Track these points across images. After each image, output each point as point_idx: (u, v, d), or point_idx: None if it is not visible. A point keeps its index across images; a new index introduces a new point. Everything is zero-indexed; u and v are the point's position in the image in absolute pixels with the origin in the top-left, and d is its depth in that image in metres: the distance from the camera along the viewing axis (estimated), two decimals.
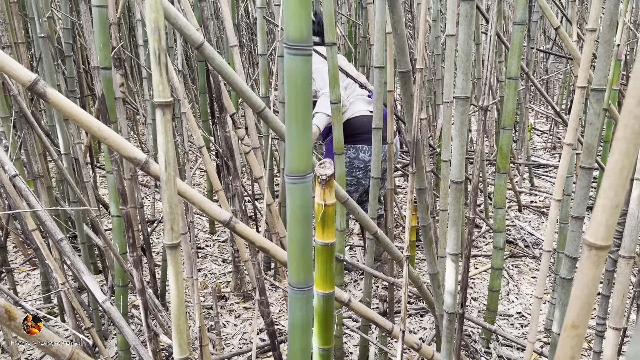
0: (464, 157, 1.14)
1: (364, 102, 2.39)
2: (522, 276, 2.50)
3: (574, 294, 0.54)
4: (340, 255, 1.68)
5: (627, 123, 0.47)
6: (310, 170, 0.75)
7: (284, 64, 0.70)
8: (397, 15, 1.10)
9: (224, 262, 2.64)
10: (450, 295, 1.21)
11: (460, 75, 1.08)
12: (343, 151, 1.62)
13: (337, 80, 1.58)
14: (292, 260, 0.78)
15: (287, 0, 0.67)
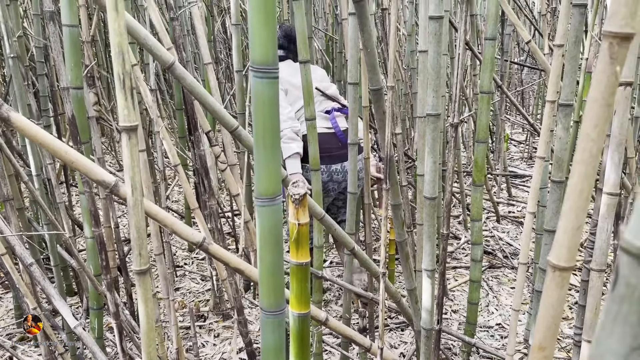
0: (437, 174, 1.14)
1: (319, 119, 2.22)
2: (502, 287, 2.52)
3: (540, 316, 0.54)
4: (319, 272, 1.67)
5: (585, 146, 0.47)
6: (280, 192, 0.75)
7: (251, 87, 0.70)
8: (367, 33, 1.11)
9: (203, 280, 2.60)
10: (427, 311, 1.20)
11: (431, 93, 1.08)
12: (319, 167, 1.62)
13: (312, 97, 1.58)
14: (263, 283, 0.77)
15: (252, 24, 0.66)
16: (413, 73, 2.66)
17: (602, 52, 0.45)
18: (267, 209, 0.73)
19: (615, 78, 0.46)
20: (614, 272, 0.26)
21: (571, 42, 1.14)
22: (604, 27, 0.45)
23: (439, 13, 1.03)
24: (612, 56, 0.45)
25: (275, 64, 0.69)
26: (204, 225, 1.79)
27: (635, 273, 0.24)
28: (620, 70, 0.46)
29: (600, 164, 1.30)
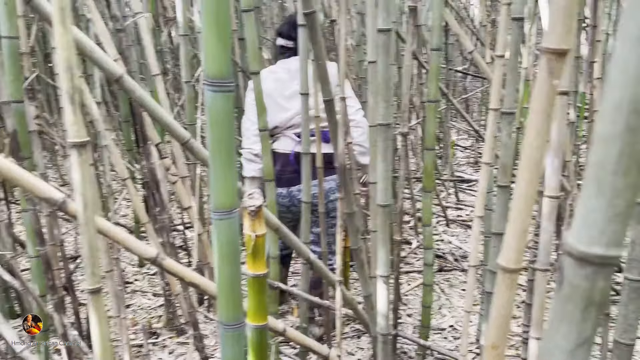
0: (390, 182, 1.17)
1: (289, 140, 2.11)
2: (453, 289, 2.59)
3: (492, 316, 0.57)
4: (274, 283, 1.67)
5: (529, 154, 0.50)
6: (237, 205, 0.75)
7: (205, 101, 0.70)
8: (318, 45, 1.13)
9: (155, 296, 2.54)
10: (383, 316, 1.23)
11: (382, 103, 1.11)
12: (272, 177, 1.62)
13: (264, 108, 1.59)
14: (221, 297, 0.76)
15: (206, 38, 0.67)
16: (362, 83, 2.71)
17: (541, 67, 0.48)
18: (224, 223, 0.73)
19: (553, 91, 0.49)
20: (559, 273, 0.28)
21: (512, 53, 1.20)
22: (542, 43, 0.48)
23: (387, 26, 1.06)
24: (551, 71, 0.48)
25: (229, 77, 0.69)
26: (155, 239, 1.76)
27: (577, 274, 0.27)
28: (558, 83, 0.50)
29: None
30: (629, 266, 0.87)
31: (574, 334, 0.27)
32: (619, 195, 0.25)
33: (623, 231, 0.26)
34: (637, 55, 0.23)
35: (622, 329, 0.89)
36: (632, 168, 0.24)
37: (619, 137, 0.24)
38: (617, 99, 0.24)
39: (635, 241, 0.86)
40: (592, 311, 0.27)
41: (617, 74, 0.24)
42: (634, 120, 0.24)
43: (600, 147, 0.25)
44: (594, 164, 0.25)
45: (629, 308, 0.88)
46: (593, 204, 0.25)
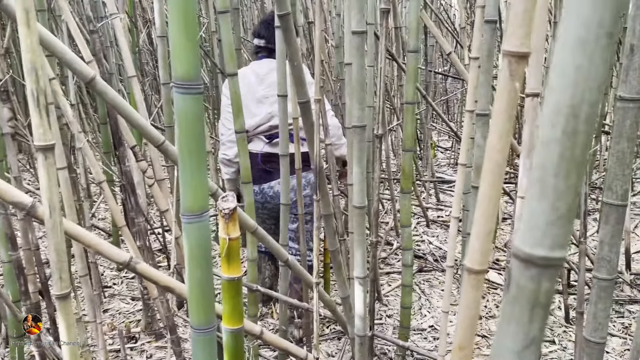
0: (365, 183, 1.17)
1: (260, 141, 2.16)
2: (433, 290, 2.61)
3: (459, 318, 0.57)
4: (253, 285, 1.66)
5: (491, 156, 0.51)
6: (207, 208, 0.74)
7: (174, 103, 0.69)
8: (293, 47, 1.13)
9: (133, 300, 2.51)
10: (360, 318, 1.23)
11: (356, 105, 1.12)
12: (250, 179, 1.62)
13: (241, 110, 1.58)
14: (192, 300, 0.76)
15: (173, 39, 0.66)
16: (342, 84, 2.72)
17: (503, 70, 0.49)
18: (194, 226, 0.73)
19: (515, 93, 0.50)
20: (508, 275, 0.28)
21: (484, 55, 1.21)
22: (503, 46, 0.48)
23: (361, 28, 1.06)
24: (512, 73, 0.49)
25: (198, 79, 0.68)
26: (132, 243, 1.74)
27: (523, 276, 0.27)
28: (520, 85, 0.50)
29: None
30: (598, 265, 0.88)
31: (522, 335, 0.27)
32: (561, 198, 0.25)
33: (566, 233, 0.26)
34: (574, 60, 0.23)
35: (592, 328, 0.90)
36: (572, 171, 0.25)
37: (558, 140, 0.24)
38: (556, 103, 0.24)
39: (604, 241, 0.87)
40: (539, 312, 0.27)
41: (556, 78, 0.24)
42: (572, 124, 0.24)
43: (542, 151, 0.25)
44: (537, 167, 0.25)
45: (598, 307, 0.90)
46: (536, 206, 0.26)
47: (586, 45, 0.23)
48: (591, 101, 0.24)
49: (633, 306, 2.40)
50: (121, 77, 2.93)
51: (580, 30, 0.23)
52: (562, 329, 2.27)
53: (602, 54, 0.23)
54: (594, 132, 0.24)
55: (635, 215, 3.32)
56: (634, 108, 0.81)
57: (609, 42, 0.23)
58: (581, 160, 0.25)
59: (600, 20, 0.22)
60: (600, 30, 0.23)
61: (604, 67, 0.23)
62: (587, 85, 0.23)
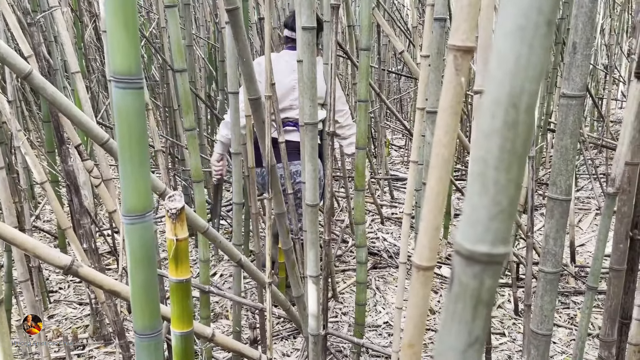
0: (317, 181, 1.16)
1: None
2: (388, 286, 2.63)
3: (408, 315, 0.56)
4: (206, 287, 1.62)
5: (438, 152, 0.50)
6: (150, 208, 0.71)
7: (113, 99, 0.66)
8: (242, 43, 1.10)
9: (80, 305, 2.42)
10: (314, 317, 1.22)
11: (307, 102, 1.10)
12: (201, 178, 1.58)
13: (191, 107, 1.54)
14: (136, 305, 0.72)
15: (111, 31, 0.63)
16: None
17: (448, 65, 0.48)
18: (137, 227, 0.69)
19: (461, 88, 0.50)
20: (451, 272, 0.27)
21: (434, 53, 1.22)
22: (449, 41, 0.48)
23: (311, 24, 1.05)
24: (457, 68, 0.48)
25: (139, 74, 0.65)
26: (77, 245, 1.67)
27: (466, 273, 0.26)
28: (465, 80, 0.50)
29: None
30: (544, 259, 0.90)
31: (465, 333, 0.27)
32: (502, 192, 0.24)
33: (508, 228, 0.25)
34: (514, 50, 0.23)
35: (539, 320, 0.92)
36: (513, 164, 0.24)
37: (498, 132, 0.24)
38: (497, 94, 0.23)
39: (549, 235, 0.89)
40: (481, 310, 0.26)
41: (496, 69, 0.23)
42: (512, 115, 0.23)
43: (482, 143, 0.24)
44: (477, 160, 0.25)
45: (544, 299, 0.92)
46: (477, 201, 0.25)
47: (525, 33, 0.22)
48: (531, 91, 0.23)
49: (578, 297, 2.50)
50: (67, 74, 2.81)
51: (519, 17, 0.22)
52: (511, 321, 2.33)
53: (542, 42, 0.22)
54: (534, 123, 0.24)
55: (580, 210, 3.46)
56: (576, 105, 0.83)
57: (548, 30, 0.22)
58: (522, 152, 0.24)
59: (540, 8, 0.22)
60: (540, 17, 0.22)
61: (544, 55, 0.23)
62: (527, 75, 0.23)
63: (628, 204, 0.87)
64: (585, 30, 0.80)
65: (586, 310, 0.95)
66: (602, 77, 5.33)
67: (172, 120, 3.18)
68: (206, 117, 4.31)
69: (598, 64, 5.08)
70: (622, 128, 0.80)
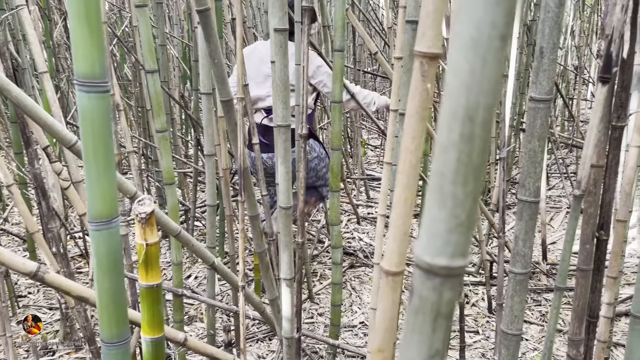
0: (290, 183, 1.16)
1: (259, 114, 2.44)
2: (364, 286, 2.64)
3: (377, 319, 0.56)
4: (179, 290, 1.60)
5: (405, 158, 0.50)
6: (116, 214, 0.70)
7: (77, 102, 0.64)
8: (213, 44, 1.09)
9: (50, 310, 2.37)
10: (287, 320, 1.21)
11: (280, 104, 1.10)
12: (173, 180, 1.56)
13: (162, 108, 1.52)
14: (102, 313, 0.71)
15: (74, 33, 0.61)
16: None
17: (415, 71, 0.48)
18: (103, 233, 0.68)
19: (427, 94, 0.50)
20: (411, 285, 0.27)
21: (406, 55, 1.23)
22: (415, 47, 0.48)
23: (282, 26, 1.04)
24: (423, 74, 0.49)
25: (104, 77, 0.64)
26: (46, 249, 1.63)
27: (425, 286, 0.26)
28: (432, 87, 0.50)
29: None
30: (514, 260, 0.91)
31: (426, 346, 0.26)
32: (460, 205, 0.24)
33: (466, 241, 0.25)
34: (469, 62, 0.22)
35: (509, 320, 0.93)
36: (469, 177, 0.24)
37: (455, 145, 0.23)
38: (453, 107, 0.23)
39: (519, 236, 0.90)
40: (442, 322, 0.26)
41: (452, 81, 0.23)
42: (469, 128, 0.23)
43: (440, 156, 0.24)
44: (435, 174, 0.24)
45: (514, 300, 0.93)
46: (436, 214, 0.25)
47: (479, 47, 0.22)
48: (487, 105, 0.23)
49: (550, 295, 2.54)
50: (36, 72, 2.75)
51: (473, 31, 0.22)
52: (485, 320, 2.36)
53: (496, 56, 0.22)
54: (490, 137, 0.24)
55: (551, 208, 3.52)
56: (544, 108, 0.85)
57: (502, 45, 0.22)
58: (478, 166, 0.24)
59: (493, 22, 0.22)
60: (494, 31, 0.22)
61: (498, 69, 0.22)
62: (482, 89, 0.23)
63: (594, 206, 0.89)
64: (552, 35, 0.81)
65: (554, 310, 0.97)
66: (573, 78, 5.44)
67: (145, 121, 3.13)
68: (180, 117, 4.26)
69: (568, 65, 5.19)
70: (587, 131, 0.82)
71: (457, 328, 1.95)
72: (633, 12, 0.78)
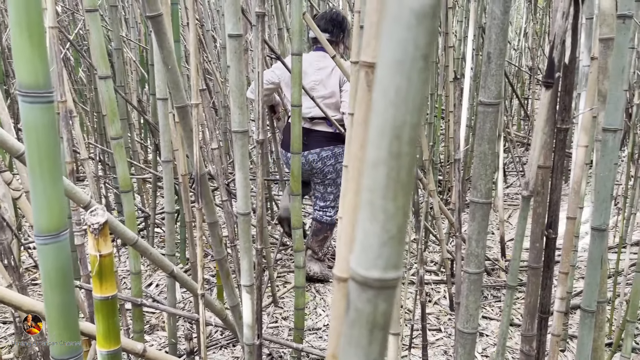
0: (249, 189, 1.15)
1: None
2: (327, 288, 2.65)
3: (331, 326, 0.57)
4: (138, 300, 1.57)
5: (354, 166, 0.51)
6: (65, 227, 0.68)
7: (21, 113, 0.62)
8: (166, 50, 1.08)
9: (4, 324, 2.28)
10: (248, 326, 1.20)
11: (236, 110, 1.09)
12: (130, 188, 1.53)
13: (116, 115, 1.49)
14: (52, 329, 0.69)
15: (15, 42, 0.59)
16: None
17: (360, 81, 0.49)
18: (50, 247, 0.66)
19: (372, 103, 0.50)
20: (347, 298, 0.28)
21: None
22: (360, 57, 0.49)
23: (237, 32, 1.04)
24: (369, 84, 0.49)
25: (48, 87, 0.62)
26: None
27: (361, 298, 0.26)
28: None
29: None
30: (467, 260, 0.93)
31: (362, 358, 0.27)
32: (391, 219, 0.25)
33: (399, 254, 0.26)
34: (394, 83, 0.23)
35: (465, 319, 0.96)
36: (399, 192, 0.24)
37: (384, 162, 0.24)
38: (381, 125, 0.24)
39: (472, 237, 0.92)
40: (377, 334, 0.27)
41: (379, 100, 0.24)
42: (396, 146, 0.24)
43: (370, 172, 0.25)
44: (366, 189, 0.25)
45: (469, 299, 0.95)
46: (369, 228, 0.25)
47: (404, 67, 0.23)
48: (412, 123, 0.23)
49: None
50: None
51: (398, 51, 0.23)
52: (447, 317, 2.41)
53: (420, 75, 0.23)
54: (416, 153, 0.24)
55: (509, 206, 3.62)
56: (492, 112, 0.87)
57: (425, 64, 0.23)
58: (407, 181, 0.24)
59: (416, 42, 0.22)
60: (417, 52, 0.23)
61: (422, 89, 0.23)
62: (408, 108, 0.23)
63: (542, 205, 0.92)
64: (499, 41, 0.84)
65: (507, 308, 1.00)
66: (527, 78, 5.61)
67: (102, 126, 3.06)
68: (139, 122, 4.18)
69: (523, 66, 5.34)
70: (533, 134, 0.84)
71: (419, 327, 1.98)
72: (574, 19, 0.82)
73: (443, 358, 2.13)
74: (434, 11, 0.22)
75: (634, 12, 1.08)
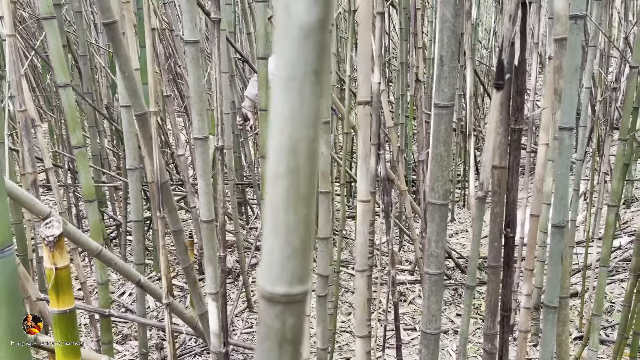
0: (211, 197, 1.14)
1: None
2: None
3: None
4: (105, 310, 1.55)
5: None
6: (9, 243, 0.67)
7: None
8: (122, 57, 1.06)
9: None
10: (215, 335, 1.20)
11: (196, 117, 1.08)
12: (93, 198, 1.50)
13: (78, 123, 1.46)
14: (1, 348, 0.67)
15: None
16: None
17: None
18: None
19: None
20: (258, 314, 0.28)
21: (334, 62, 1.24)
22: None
23: (194, 38, 1.03)
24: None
25: None
26: None
27: (269, 314, 0.26)
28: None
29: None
30: (428, 262, 0.94)
31: None
32: (293, 233, 0.25)
33: (304, 267, 0.26)
34: (288, 99, 0.23)
35: (427, 320, 0.96)
36: (300, 205, 0.24)
37: (284, 177, 0.24)
38: (278, 142, 0.24)
39: (431, 238, 0.93)
40: (287, 348, 0.27)
41: (274, 117, 0.24)
42: (293, 162, 0.24)
43: (271, 187, 0.25)
44: (268, 203, 0.25)
45: (431, 300, 0.96)
46: (272, 242, 0.25)
47: (296, 83, 0.23)
48: (309, 137, 0.24)
49: (481, 287, 2.64)
50: None
51: (289, 68, 0.23)
52: None
53: (313, 90, 0.23)
54: (316, 166, 0.24)
55: None
56: (447, 114, 0.88)
57: (317, 79, 0.23)
58: (307, 195, 0.24)
59: (305, 59, 0.22)
60: (307, 67, 0.23)
61: (315, 103, 0.23)
62: (303, 123, 0.23)
63: (499, 205, 0.93)
64: (450, 44, 0.85)
65: (466, 308, 1.01)
66: None
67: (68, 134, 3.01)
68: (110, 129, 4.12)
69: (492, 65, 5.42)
70: (486, 135, 0.86)
71: (393, 327, 1.99)
72: (522, 22, 0.83)
73: (418, 357, 2.15)
74: (323, 24, 0.22)
75: (586, 13, 1.11)
